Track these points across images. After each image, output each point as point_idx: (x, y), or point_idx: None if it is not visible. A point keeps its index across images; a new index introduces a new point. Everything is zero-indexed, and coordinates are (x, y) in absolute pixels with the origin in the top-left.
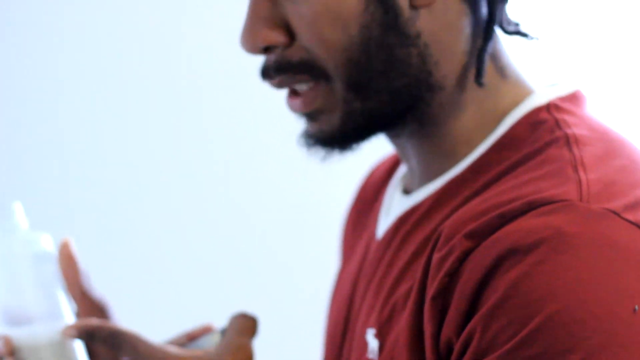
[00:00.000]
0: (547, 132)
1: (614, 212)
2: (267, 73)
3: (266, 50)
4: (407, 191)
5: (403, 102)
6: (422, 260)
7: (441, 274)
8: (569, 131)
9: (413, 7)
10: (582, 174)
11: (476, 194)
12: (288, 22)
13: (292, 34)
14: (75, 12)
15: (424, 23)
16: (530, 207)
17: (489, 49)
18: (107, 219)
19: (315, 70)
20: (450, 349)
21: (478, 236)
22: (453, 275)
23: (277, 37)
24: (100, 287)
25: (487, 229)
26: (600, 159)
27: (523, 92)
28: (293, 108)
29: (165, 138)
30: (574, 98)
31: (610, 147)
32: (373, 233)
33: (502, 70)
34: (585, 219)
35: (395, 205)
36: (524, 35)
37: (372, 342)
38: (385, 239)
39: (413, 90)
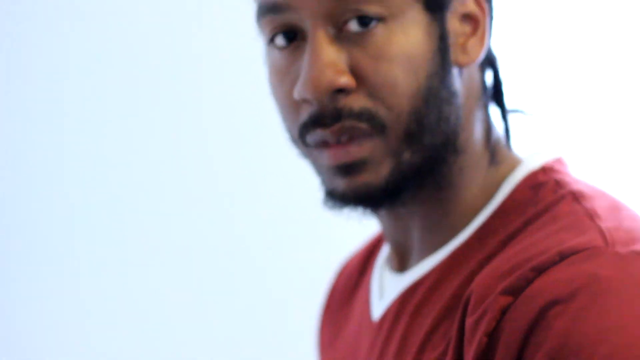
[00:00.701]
0: (549, 192)
1: None
2: (320, 121)
3: (333, 94)
4: (398, 269)
5: (435, 161)
6: (452, 327)
7: (478, 335)
8: (573, 188)
9: (457, 64)
10: (599, 222)
11: (490, 256)
12: (352, 67)
13: (358, 78)
14: (72, 12)
15: (460, 84)
16: (561, 257)
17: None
18: (105, 219)
19: (375, 120)
20: None
21: (514, 292)
22: (492, 334)
23: (347, 81)
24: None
25: (521, 284)
26: (610, 210)
27: (515, 159)
28: (335, 158)
29: (166, 156)
30: (561, 162)
31: (612, 200)
32: (364, 318)
33: (497, 140)
34: (616, 262)
35: (389, 285)
36: (521, 112)
37: None
38: (388, 318)
39: (442, 151)
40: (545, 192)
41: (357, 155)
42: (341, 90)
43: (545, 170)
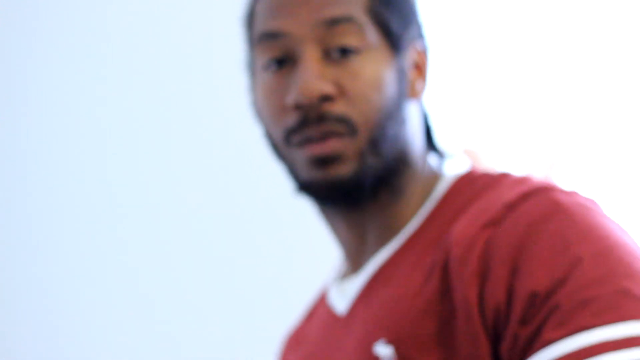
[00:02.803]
0: (483, 177)
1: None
2: (306, 123)
3: (320, 101)
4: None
5: (391, 172)
6: (434, 263)
7: (471, 260)
8: (501, 172)
9: (408, 97)
10: (536, 179)
11: (456, 216)
12: (335, 82)
13: (340, 89)
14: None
15: (410, 113)
16: (525, 195)
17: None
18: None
19: (349, 124)
20: (497, 313)
21: (494, 224)
22: (484, 258)
23: (332, 90)
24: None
25: (499, 217)
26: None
27: (439, 169)
28: (316, 151)
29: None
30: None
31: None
32: (329, 319)
33: (429, 161)
34: (564, 193)
35: (349, 285)
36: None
37: (384, 350)
38: (358, 306)
39: (396, 164)
40: (480, 178)
41: (334, 148)
42: (326, 98)
43: (472, 171)
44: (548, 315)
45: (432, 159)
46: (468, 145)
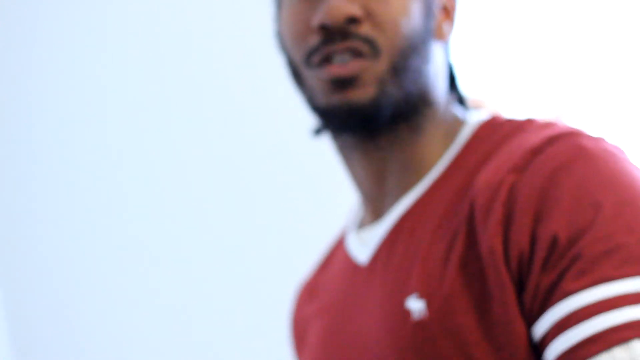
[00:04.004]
0: (507, 124)
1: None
2: (329, 41)
3: (346, 22)
4: (374, 221)
5: (410, 106)
6: (460, 214)
7: (495, 206)
8: (524, 119)
9: (434, 37)
10: (563, 123)
11: (481, 164)
12: (363, 6)
13: (368, 12)
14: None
15: (435, 54)
16: (550, 139)
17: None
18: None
19: (373, 46)
20: (521, 261)
21: (518, 170)
22: (507, 204)
23: (360, 11)
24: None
25: (523, 163)
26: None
27: (466, 117)
28: (335, 70)
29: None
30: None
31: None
32: (348, 269)
33: (452, 105)
34: (589, 138)
35: (369, 234)
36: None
37: (416, 305)
38: (380, 255)
39: (416, 100)
40: (505, 124)
41: (355, 69)
42: (352, 20)
43: (496, 117)
44: (569, 265)
45: (456, 107)
46: (474, 94)
